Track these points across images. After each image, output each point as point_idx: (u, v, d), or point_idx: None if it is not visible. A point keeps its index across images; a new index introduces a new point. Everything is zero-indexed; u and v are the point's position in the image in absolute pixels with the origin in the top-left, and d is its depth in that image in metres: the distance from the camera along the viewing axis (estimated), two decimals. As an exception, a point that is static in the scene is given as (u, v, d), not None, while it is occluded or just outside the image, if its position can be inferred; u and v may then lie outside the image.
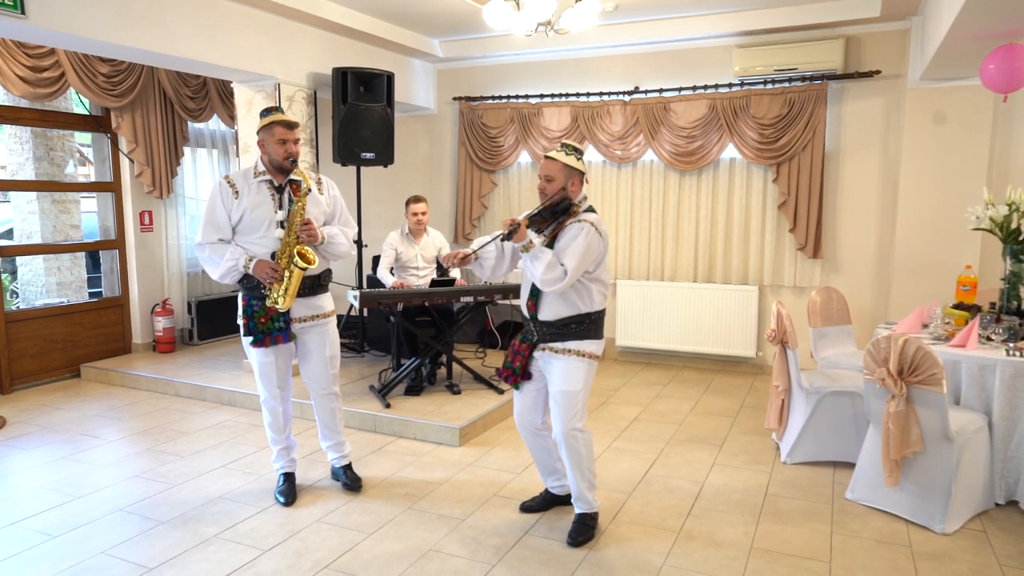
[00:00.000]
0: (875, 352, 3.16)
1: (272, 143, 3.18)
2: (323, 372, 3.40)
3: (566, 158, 2.89)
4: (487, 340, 6.19)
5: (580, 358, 2.94)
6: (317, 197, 3.31)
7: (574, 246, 2.81)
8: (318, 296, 3.34)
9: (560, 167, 2.88)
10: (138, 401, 5.07)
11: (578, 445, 2.96)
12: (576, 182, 2.91)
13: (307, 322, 3.31)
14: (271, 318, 3.18)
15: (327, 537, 3.04)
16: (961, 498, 3.13)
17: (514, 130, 6.41)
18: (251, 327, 3.20)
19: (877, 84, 5.28)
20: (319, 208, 3.30)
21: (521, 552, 2.92)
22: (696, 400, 5.12)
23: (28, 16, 3.53)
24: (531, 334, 3.03)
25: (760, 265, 5.77)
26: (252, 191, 3.21)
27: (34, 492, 3.50)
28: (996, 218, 3.63)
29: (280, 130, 3.17)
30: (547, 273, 2.79)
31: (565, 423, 2.94)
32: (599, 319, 3.00)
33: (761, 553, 2.92)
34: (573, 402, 2.93)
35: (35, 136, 5.67)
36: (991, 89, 3.76)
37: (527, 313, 3.03)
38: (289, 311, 3.22)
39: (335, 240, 3.27)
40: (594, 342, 2.98)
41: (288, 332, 3.23)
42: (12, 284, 6.24)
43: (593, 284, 2.94)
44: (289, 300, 3.13)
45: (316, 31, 5.36)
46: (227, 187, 3.21)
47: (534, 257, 2.82)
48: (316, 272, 3.27)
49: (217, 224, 3.19)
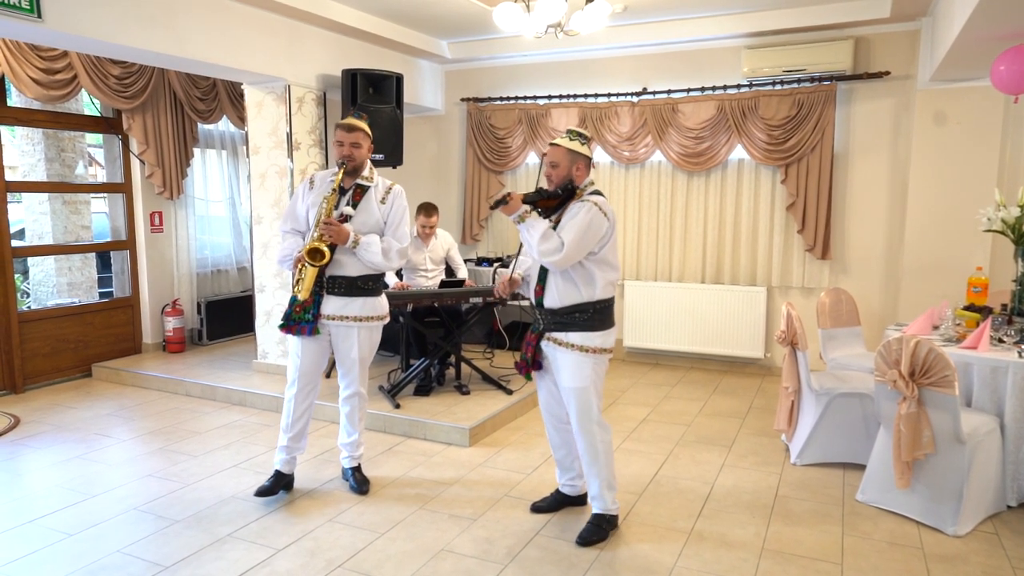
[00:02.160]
0: (886, 354, 3.16)
1: (335, 145, 3.30)
2: (348, 371, 3.45)
3: (570, 143, 2.90)
4: (495, 340, 6.20)
5: (584, 354, 2.91)
6: (371, 205, 3.32)
7: (573, 222, 2.81)
8: (353, 298, 3.33)
9: (564, 152, 2.89)
10: (149, 401, 5.10)
11: (595, 441, 2.97)
12: (581, 166, 2.91)
13: (336, 320, 3.33)
14: (304, 309, 3.26)
15: (340, 536, 3.06)
16: (973, 500, 3.12)
17: (522, 131, 6.43)
18: (286, 313, 3.30)
19: (886, 85, 5.27)
20: (371, 216, 3.31)
21: (533, 553, 2.93)
22: (704, 401, 5.12)
23: (44, 20, 3.56)
24: (538, 323, 3.03)
25: (768, 266, 5.77)
26: (323, 188, 3.31)
27: (49, 491, 3.53)
28: (1008, 219, 3.63)
29: (339, 132, 3.28)
30: (543, 243, 2.77)
31: (578, 419, 2.96)
32: (605, 309, 2.94)
33: (772, 554, 2.93)
34: (582, 398, 2.93)
35: (47, 137, 5.71)
36: (1001, 90, 3.76)
37: (534, 299, 3.02)
38: (319, 307, 3.29)
39: (369, 248, 3.25)
40: (599, 334, 2.92)
41: (313, 326, 3.27)
42: (24, 284, 6.28)
43: (597, 268, 2.88)
44: (304, 292, 3.23)
45: (325, 33, 5.38)
46: (308, 182, 3.39)
47: (529, 227, 2.81)
48: (352, 275, 3.30)
49: (295, 215, 3.39)
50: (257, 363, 5.50)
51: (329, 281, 3.29)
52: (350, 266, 3.29)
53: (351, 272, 3.30)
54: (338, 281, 3.29)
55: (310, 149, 5.29)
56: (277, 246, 3.39)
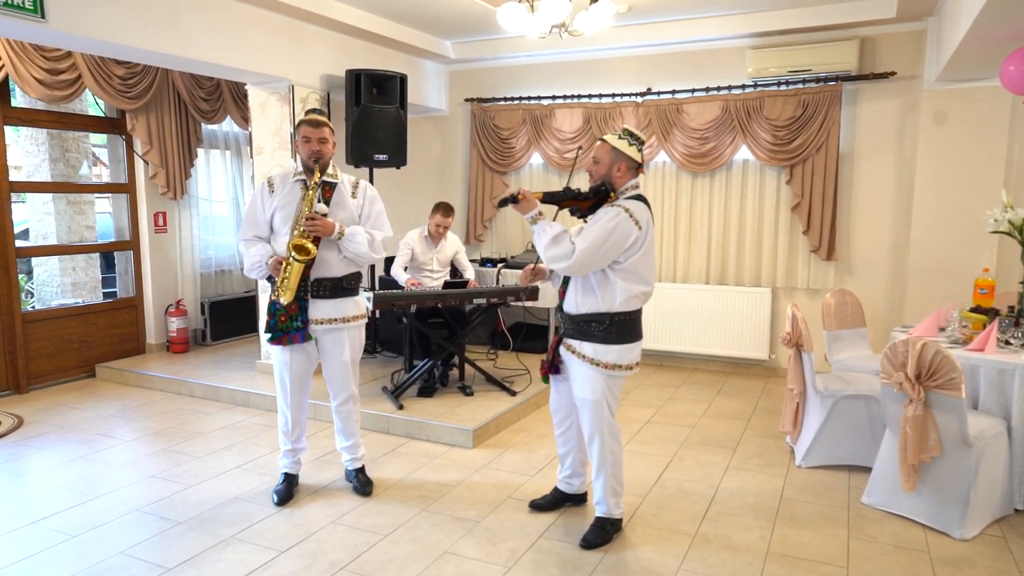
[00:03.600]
0: (893, 356, 3.14)
1: (300, 143, 3.21)
2: (341, 374, 3.41)
3: (617, 141, 2.80)
4: (499, 341, 6.19)
5: (595, 368, 2.84)
6: (345, 200, 3.29)
7: (593, 228, 2.71)
8: (340, 299, 3.31)
9: (608, 149, 2.80)
10: (152, 401, 5.10)
11: (604, 450, 2.95)
12: (623, 168, 2.79)
13: (325, 324, 3.29)
14: (290, 316, 3.20)
15: (343, 538, 3.05)
16: (980, 503, 3.10)
17: (526, 131, 6.42)
18: (271, 324, 3.23)
19: (892, 85, 5.25)
20: (346, 211, 3.28)
21: (536, 555, 2.92)
22: (709, 403, 5.10)
23: (48, 20, 3.56)
24: (560, 326, 3.01)
25: (773, 267, 5.74)
26: (286, 190, 3.25)
27: (52, 491, 3.53)
28: (1015, 221, 3.60)
29: (304, 128, 3.19)
30: (551, 247, 2.69)
31: (589, 427, 2.96)
32: (625, 323, 2.80)
33: (778, 557, 2.91)
34: (593, 410, 2.90)
35: (51, 138, 5.72)
36: (1010, 91, 3.74)
37: (558, 300, 2.98)
38: (307, 312, 3.22)
39: (354, 239, 3.20)
40: (615, 348, 2.81)
41: (304, 332, 3.23)
42: (28, 284, 6.29)
43: (619, 279, 2.75)
44: (289, 294, 3.12)
45: (329, 33, 5.38)
46: (266, 185, 3.30)
47: (541, 229, 2.74)
48: (337, 275, 3.27)
49: (255, 221, 3.28)
50: (261, 363, 5.49)
51: (314, 284, 3.23)
52: (335, 266, 3.24)
53: (336, 273, 3.26)
54: (324, 283, 3.24)
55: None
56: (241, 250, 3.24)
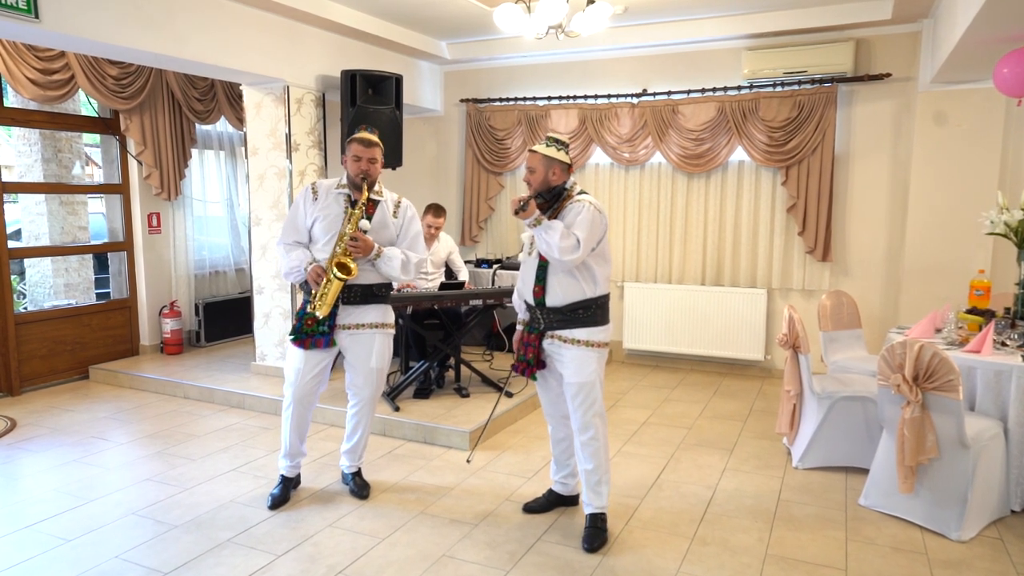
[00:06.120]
0: (890, 358, 3.15)
1: (349, 159, 3.24)
2: (364, 382, 3.40)
3: (546, 149, 2.98)
4: (494, 343, 6.19)
5: (590, 349, 2.98)
6: (387, 219, 3.32)
7: (580, 219, 2.90)
8: (369, 306, 3.33)
9: (540, 158, 2.98)
10: (147, 403, 5.06)
11: (597, 435, 3.02)
12: (557, 171, 2.98)
13: (352, 329, 3.31)
14: (318, 322, 3.22)
15: (340, 542, 3.03)
16: (977, 505, 3.11)
17: (521, 132, 6.41)
18: (297, 327, 3.25)
19: (887, 87, 5.26)
20: (387, 230, 3.31)
21: (535, 558, 2.91)
22: (705, 404, 5.11)
23: (41, 20, 3.53)
24: (538, 322, 3.05)
25: (768, 268, 5.75)
26: (329, 200, 3.27)
27: (46, 495, 3.50)
28: (1011, 223, 3.62)
29: (355, 147, 3.22)
30: (563, 241, 2.84)
31: (584, 414, 3.00)
32: (605, 303, 3.05)
33: (776, 559, 2.91)
34: (589, 393, 2.99)
35: (43, 138, 5.67)
36: (1004, 93, 3.74)
37: (533, 300, 3.04)
38: (335, 316, 3.24)
39: (390, 262, 3.25)
40: (602, 329, 3.02)
41: (329, 337, 3.25)
42: (20, 285, 6.24)
43: (596, 264, 2.98)
44: (326, 308, 3.16)
45: (325, 33, 5.35)
46: (310, 192, 3.31)
47: (547, 228, 2.87)
48: (368, 283, 3.29)
49: (296, 226, 3.31)
50: (256, 365, 5.47)
51: (345, 290, 3.25)
52: (367, 274, 3.27)
53: (367, 280, 3.29)
54: (355, 290, 3.27)
55: (309, 150, 5.26)
56: (276, 253, 3.30)
